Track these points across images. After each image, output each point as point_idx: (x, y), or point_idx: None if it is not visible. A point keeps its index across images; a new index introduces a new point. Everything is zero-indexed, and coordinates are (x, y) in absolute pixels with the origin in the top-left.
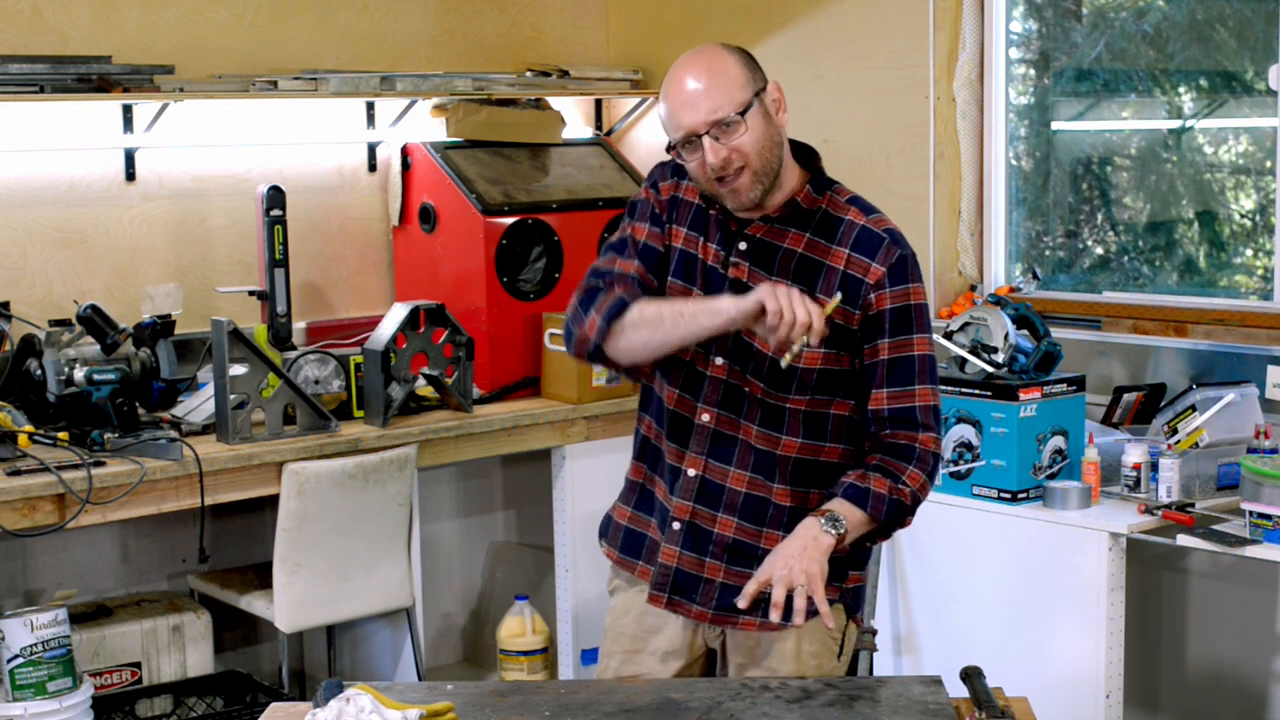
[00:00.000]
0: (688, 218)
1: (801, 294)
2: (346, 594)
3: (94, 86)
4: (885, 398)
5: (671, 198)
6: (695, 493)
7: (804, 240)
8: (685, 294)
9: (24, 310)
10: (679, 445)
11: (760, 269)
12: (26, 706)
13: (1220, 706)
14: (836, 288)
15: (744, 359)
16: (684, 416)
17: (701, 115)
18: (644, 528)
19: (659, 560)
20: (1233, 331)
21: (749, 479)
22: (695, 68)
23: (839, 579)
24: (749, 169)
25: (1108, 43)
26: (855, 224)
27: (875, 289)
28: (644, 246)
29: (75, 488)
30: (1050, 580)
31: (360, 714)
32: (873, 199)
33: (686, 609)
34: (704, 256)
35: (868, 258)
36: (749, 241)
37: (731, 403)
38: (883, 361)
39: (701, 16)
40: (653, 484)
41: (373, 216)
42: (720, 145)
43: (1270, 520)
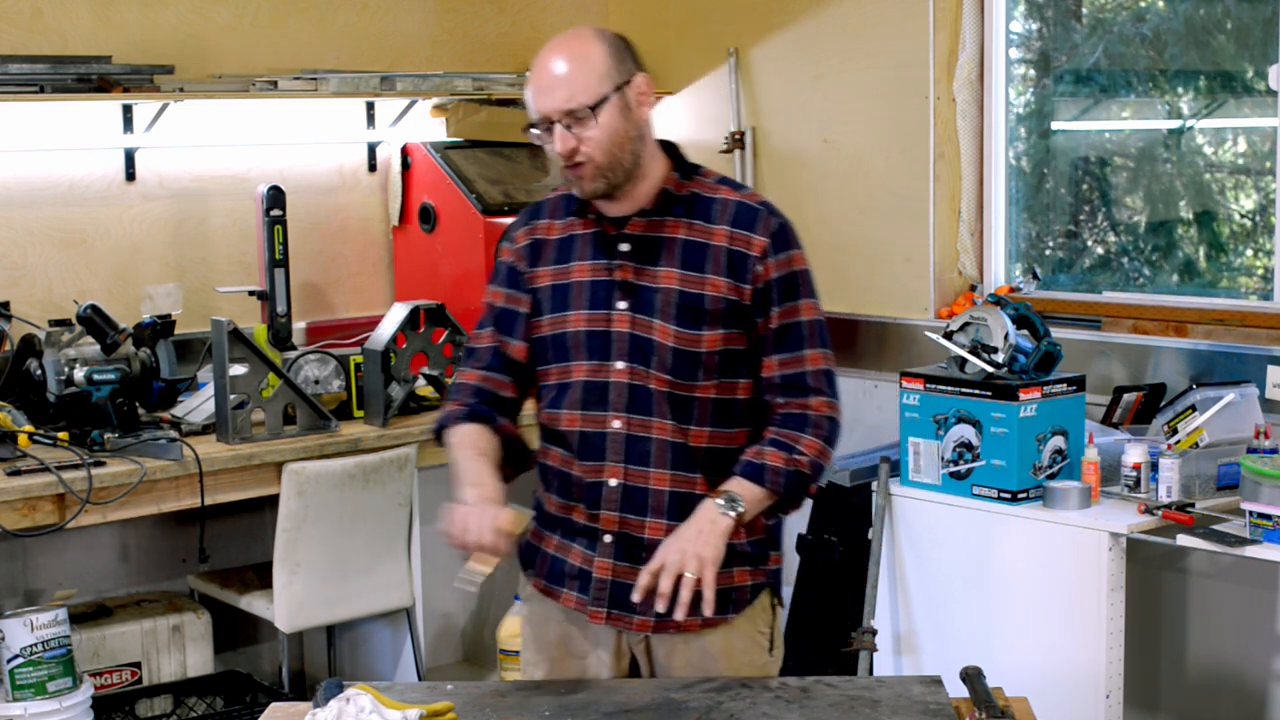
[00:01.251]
0: (552, 253)
1: (487, 518)
2: (346, 594)
3: (94, 86)
4: (776, 364)
5: (530, 244)
6: (620, 502)
7: (683, 226)
8: (561, 325)
9: (24, 310)
10: (594, 460)
11: (646, 264)
12: (26, 706)
13: (1220, 706)
14: (724, 265)
15: (645, 356)
16: (593, 432)
17: (556, 103)
18: (567, 554)
19: (594, 577)
20: (1233, 331)
21: (670, 477)
22: (561, 52)
23: (761, 562)
24: (593, 163)
25: (1106, 45)
26: (730, 200)
27: (760, 260)
28: (499, 312)
29: (75, 488)
30: (1050, 580)
31: (360, 714)
32: (873, 199)
33: (628, 621)
34: (579, 278)
35: (748, 231)
36: (630, 241)
37: (639, 404)
38: (773, 330)
39: (701, 16)
40: (570, 511)
41: (373, 216)
42: (569, 135)
43: (1270, 520)
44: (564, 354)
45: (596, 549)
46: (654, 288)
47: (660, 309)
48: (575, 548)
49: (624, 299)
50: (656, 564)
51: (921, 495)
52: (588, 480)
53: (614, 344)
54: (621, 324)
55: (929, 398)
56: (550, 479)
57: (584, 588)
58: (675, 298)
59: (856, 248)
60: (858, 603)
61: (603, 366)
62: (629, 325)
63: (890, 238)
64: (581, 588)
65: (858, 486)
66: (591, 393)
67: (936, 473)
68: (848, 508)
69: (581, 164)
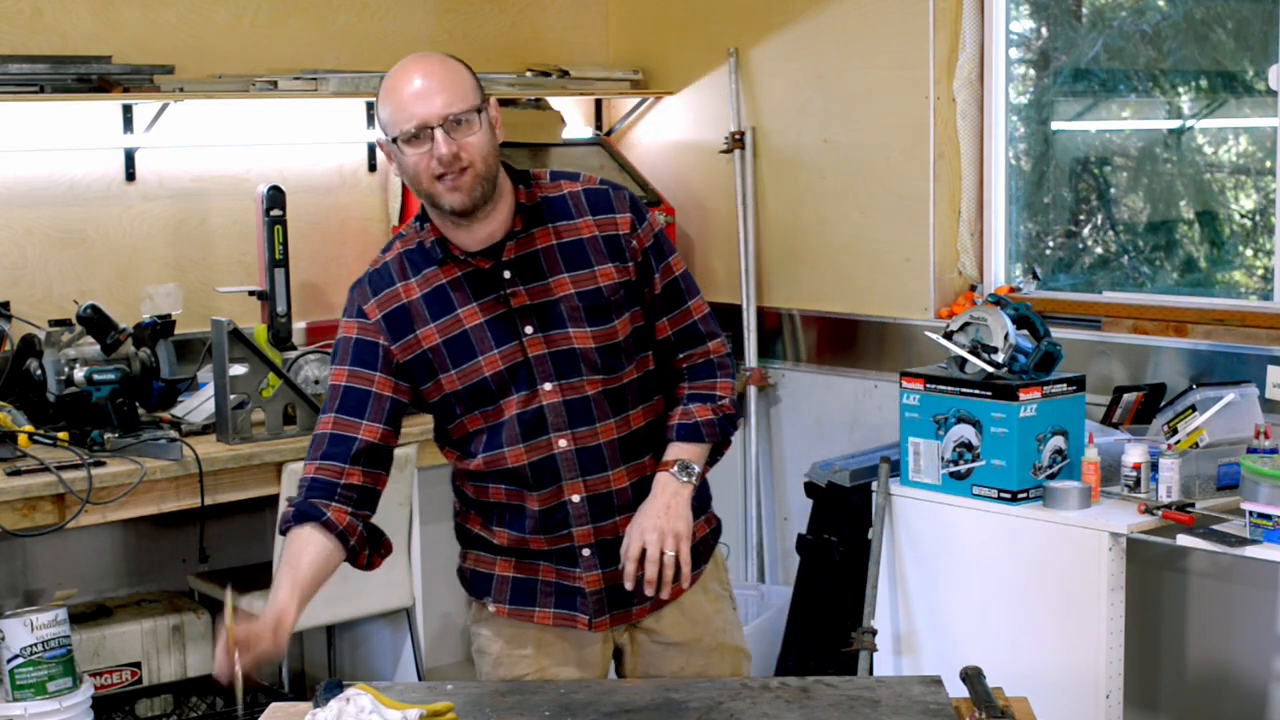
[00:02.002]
0: (425, 311)
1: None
2: (346, 594)
3: (94, 86)
4: (668, 325)
5: (387, 314)
6: (589, 515)
7: (550, 231)
8: (473, 374)
9: (24, 310)
10: (551, 485)
11: (534, 280)
12: (26, 706)
13: (1220, 706)
14: (605, 253)
15: (571, 368)
16: (541, 459)
17: (436, 108)
18: (532, 573)
19: (585, 592)
20: (1233, 331)
21: (626, 471)
22: (426, 67)
23: (706, 509)
24: (474, 169)
25: (1106, 42)
26: (576, 192)
27: (631, 235)
28: (345, 393)
29: (75, 488)
30: (1050, 580)
31: (360, 714)
32: (872, 199)
33: (627, 616)
34: (472, 322)
35: (609, 213)
36: (511, 267)
37: (579, 416)
38: (658, 295)
39: (701, 16)
40: (524, 542)
41: (373, 216)
42: (451, 140)
43: (1270, 520)
44: (486, 398)
45: (579, 564)
46: (552, 300)
47: (569, 318)
48: (542, 565)
49: (527, 323)
50: (636, 549)
51: (921, 495)
52: (546, 506)
53: (535, 369)
54: (535, 347)
55: (929, 398)
56: (495, 514)
57: (565, 602)
58: (576, 300)
59: (856, 248)
60: (858, 603)
61: (531, 395)
62: (544, 345)
63: (890, 238)
64: (561, 602)
65: (858, 486)
66: (528, 423)
67: (936, 473)
68: (848, 508)
69: (465, 169)
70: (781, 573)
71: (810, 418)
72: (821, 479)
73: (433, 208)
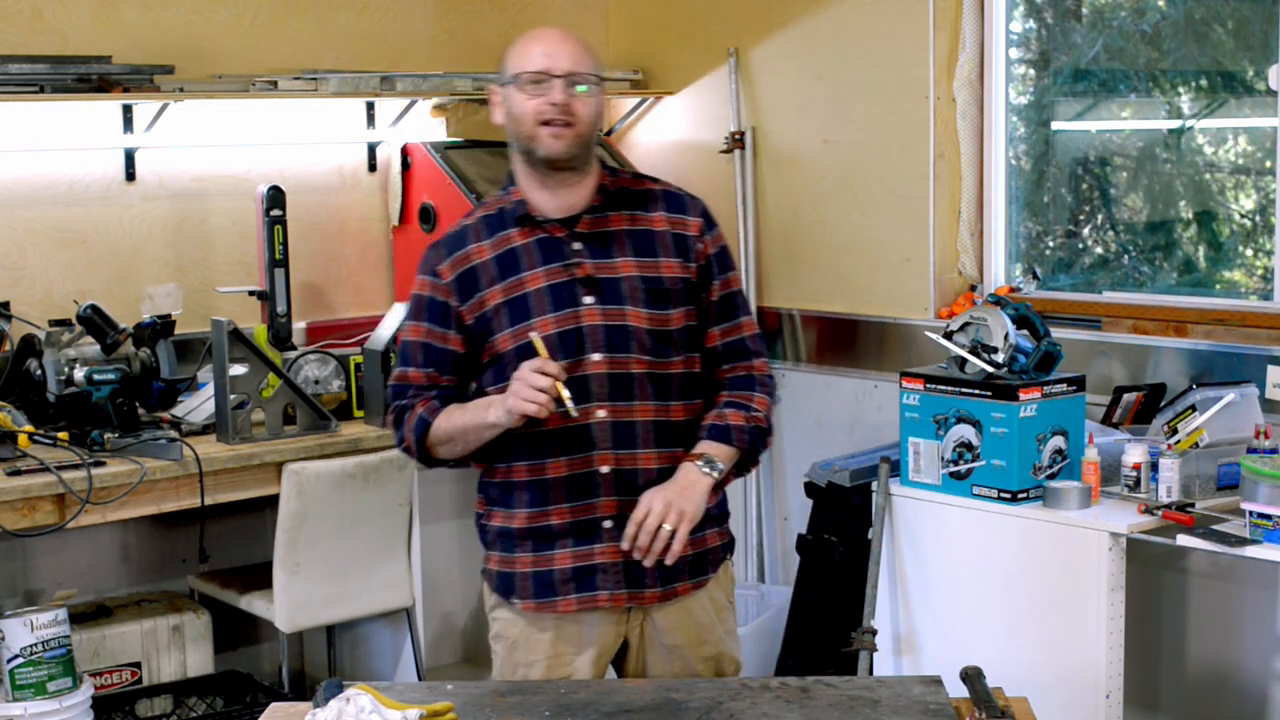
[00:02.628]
0: (495, 272)
1: (526, 374)
2: (346, 594)
3: (94, 86)
4: (718, 334)
5: (459, 275)
6: (615, 487)
7: (625, 217)
8: (526, 335)
9: (24, 310)
10: (583, 452)
11: (601, 257)
12: (26, 706)
13: (1220, 706)
14: (671, 247)
15: (622, 343)
16: (578, 425)
17: (564, 63)
18: (549, 564)
19: (603, 565)
20: (1233, 331)
21: (657, 455)
22: (563, 33)
23: (724, 522)
24: (576, 129)
25: (1106, 42)
26: (655, 190)
27: (699, 239)
28: (425, 348)
29: (75, 488)
30: (1050, 580)
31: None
32: (872, 199)
33: (640, 598)
34: (535, 285)
35: (682, 214)
36: (581, 238)
37: (620, 391)
38: (714, 302)
39: (701, 16)
40: (547, 518)
41: (373, 216)
42: (566, 94)
43: (1270, 520)
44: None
45: (599, 537)
46: (616, 278)
47: (628, 296)
48: (559, 552)
49: (589, 294)
50: (641, 513)
51: (921, 495)
52: (575, 473)
53: (586, 338)
54: (592, 318)
55: (929, 398)
56: (514, 495)
57: (584, 585)
58: (639, 283)
59: (856, 248)
60: (858, 603)
61: (579, 362)
62: (600, 318)
63: (890, 238)
64: (581, 586)
65: (858, 486)
66: (571, 389)
67: (936, 473)
68: (848, 508)
69: (570, 124)
70: (781, 573)
71: (810, 418)
72: (821, 479)
73: (526, 156)
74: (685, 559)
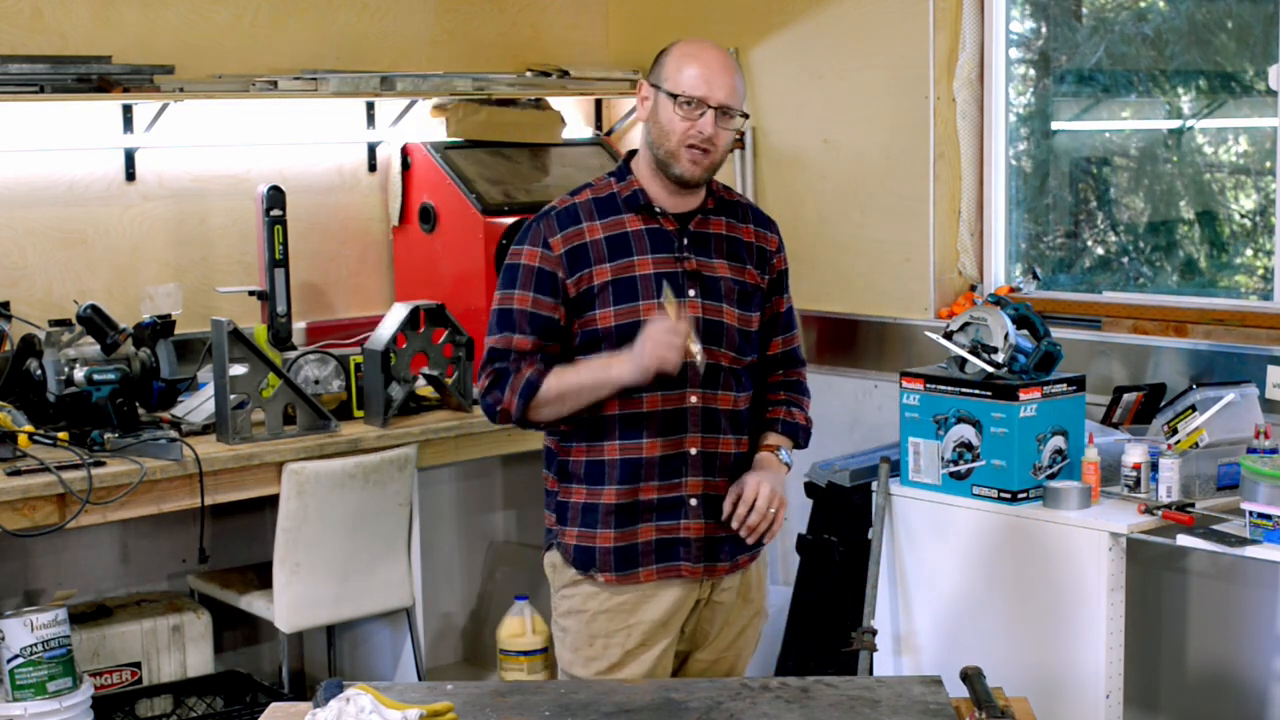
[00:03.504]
0: (604, 251)
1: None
2: (346, 594)
3: (94, 86)
4: (780, 343)
5: (570, 250)
6: (702, 468)
7: (724, 224)
8: (630, 315)
9: (24, 310)
10: (676, 434)
11: (703, 255)
12: (26, 706)
13: (1220, 706)
14: (755, 257)
15: (716, 337)
16: (674, 409)
17: (722, 94)
18: (633, 538)
19: (687, 539)
20: (1233, 331)
21: (734, 440)
22: (727, 60)
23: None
24: (712, 157)
25: (1107, 45)
26: (744, 205)
27: (775, 254)
28: (532, 317)
29: (75, 488)
30: (1050, 580)
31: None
32: (872, 199)
33: (714, 570)
34: (644, 271)
35: (765, 229)
36: (690, 236)
37: (710, 380)
38: (780, 314)
39: (701, 16)
40: (635, 494)
41: (373, 216)
42: (715, 126)
43: (1270, 520)
44: (634, 342)
45: (685, 514)
46: (715, 277)
47: (725, 295)
48: (643, 527)
49: (693, 287)
50: (751, 494)
51: (921, 495)
52: (668, 454)
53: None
54: (694, 310)
55: (929, 398)
56: (604, 473)
57: (665, 556)
58: (733, 285)
59: (856, 248)
60: (858, 603)
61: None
62: (700, 310)
63: (890, 238)
64: (661, 557)
65: (858, 486)
66: (673, 374)
67: (936, 473)
68: (848, 508)
69: (709, 152)
70: (781, 573)
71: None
72: (821, 479)
73: (660, 164)
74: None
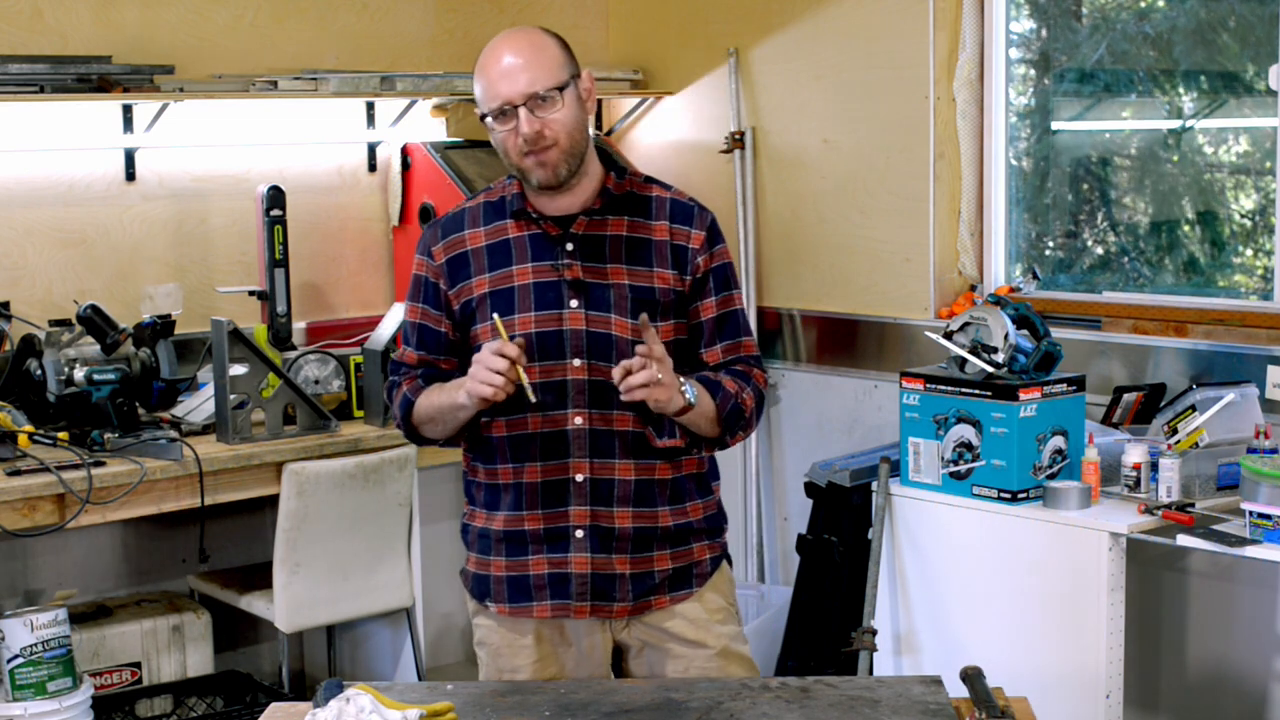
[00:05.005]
0: (484, 261)
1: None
2: (346, 594)
3: (94, 86)
4: (720, 352)
5: (450, 259)
6: (589, 496)
7: (625, 223)
8: (509, 328)
9: (24, 310)
10: (558, 459)
11: (592, 261)
12: (26, 706)
13: (1220, 706)
14: (668, 258)
15: (603, 351)
16: (554, 430)
17: (520, 86)
18: (524, 569)
19: (573, 573)
20: (1233, 331)
21: (635, 466)
22: (515, 43)
23: (716, 535)
24: (559, 146)
25: (1108, 45)
26: (664, 198)
27: (699, 253)
28: (419, 329)
29: (75, 488)
30: (1050, 580)
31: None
32: (872, 199)
33: (608, 610)
34: (523, 281)
35: (686, 225)
36: (575, 240)
37: (600, 399)
38: (711, 320)
39: (702, 16)
40: (522, 522)
41: (373, 216)
42: (535, 118)
43: (1270, 520)
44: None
45: (569, 547)
46: (605, 284)
47: (615, 304)
48: (534, 558)
49: (575, 297)
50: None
51: (921, 495)
52: (549, 480)
53: (568, 342)
54: (575, 322)
55: (929, 398)
56: (494, 496)
57: (559, 591)
58: (628, 293)
59: (856, 248)
60: (858, 603)
61: (558, 365)
62: (583, 323)
63: (890, 238)
64: (555, 593)
65: (858, 486)
66: (549, 392)
67: (936, 473)
68: (848, 508)
69: (548, 147)
70: (781, 573)
71: (810, 418)
72: (821, 479)
73: (522, 180)
74: (665, 573)
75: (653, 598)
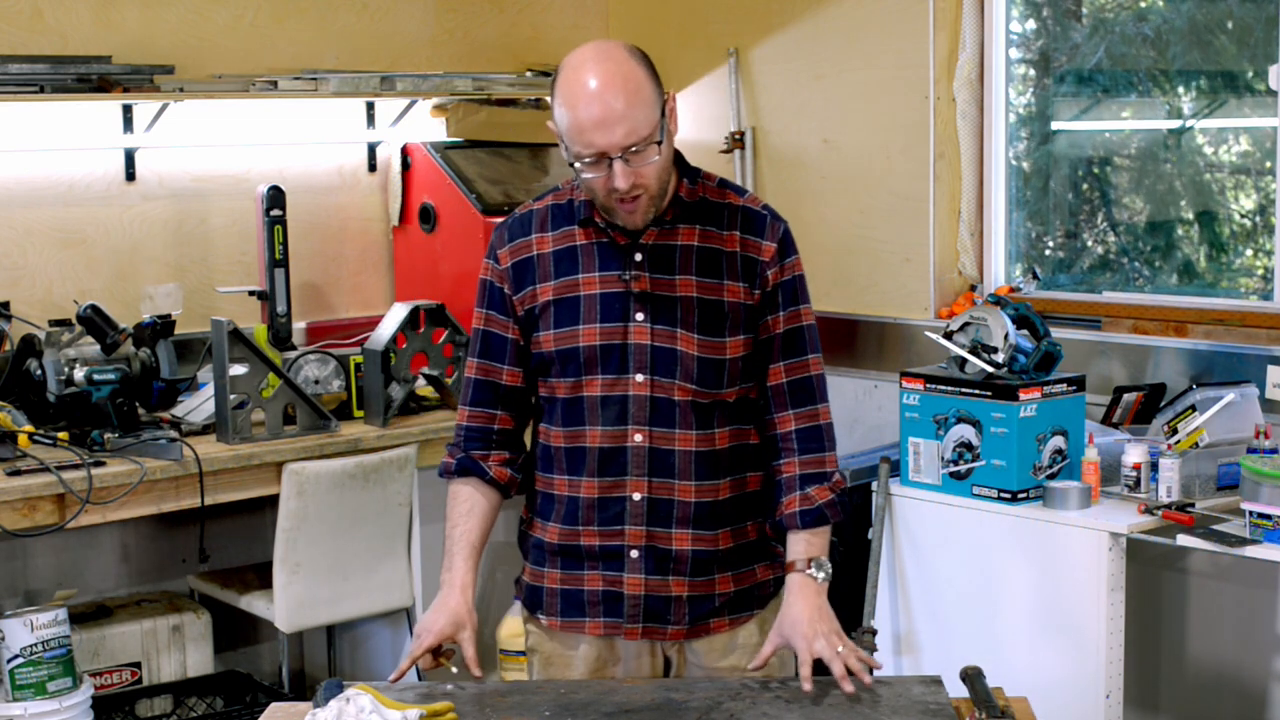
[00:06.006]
0: (550, 267)
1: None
2: (346, 594)
3: (94, 86)
4: (783, 371)
5: (515, 264)
6: (646, 516)
7: (696, 233)
8: (569, 340)
9: (24, 310)
10: (615, 476)
11: (661, 273)
12: (26, 706)
13: (1220, 706)
14: (739, 270)
15: (667, 367)
16: (613, 447)
17: (617, 139)
18: (578, 584)
19: (625, 594)
20: (1233, 331)
21: (695, 487)
22: (609, 82)
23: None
24: (648, 194)
25: (1107, 46)
26: (736, 206)
27: (770, 265)
28: (485, 337)
29: (75, 488)
30: (1050, 580)
31: (360, 714)
32: (873, 199)
33: (661, 633)
34: (589, 290)
35: (758, 236)
36: (644, 251)
37: (662, 417)
38: (778, 335)
39: (701, 16)
40: (577, 538)
41: (373, 216)
42: (630, 170)
43: (1270, 520)
44: (575, 369)
45: (624, 567)
46: (672, 297)
47: (682, 319)
48: (589, 573)
49: (641, 310)
50: (808, 657)
51: (921, 495)
52: (605, 497)
53: (632, 356)
54: (640, 336)
55: (929, 398)
56: (550, 507)
57: (611, 610)
58: (696, 305)
59: (856, 248)
60: (858, 603)
61: (620, 380)
62: (649, 337)
63: (890, 238)
64: (608, 610)
65: (858, 486)
66: (609, 407)
67: (936, 473)
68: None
69: (638, 197)
70: None
71: None
72: None
73: (603, 211)
74: (726, 596)
75: (711, 620)
